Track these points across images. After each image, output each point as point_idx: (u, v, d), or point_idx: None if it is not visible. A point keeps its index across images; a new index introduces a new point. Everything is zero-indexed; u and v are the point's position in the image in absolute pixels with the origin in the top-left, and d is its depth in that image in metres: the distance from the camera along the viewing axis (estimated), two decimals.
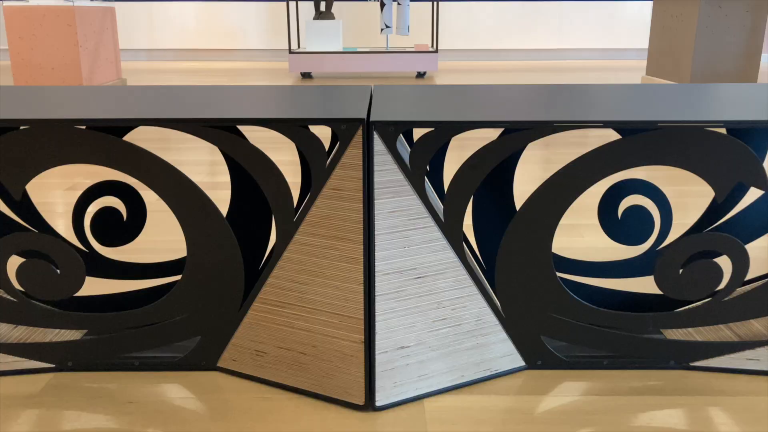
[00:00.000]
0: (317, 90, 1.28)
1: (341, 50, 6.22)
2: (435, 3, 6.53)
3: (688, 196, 2.27)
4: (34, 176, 0.98)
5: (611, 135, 3.20)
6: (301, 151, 1.12)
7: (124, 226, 1.26)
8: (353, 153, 0.95)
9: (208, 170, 2.61)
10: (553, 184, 1.02)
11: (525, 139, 0.98)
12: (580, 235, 1.90)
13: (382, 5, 6.34)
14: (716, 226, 1.31)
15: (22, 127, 0.95)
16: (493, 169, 1.24)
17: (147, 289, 1.32)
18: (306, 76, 6.36)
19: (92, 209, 1.90)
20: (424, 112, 1.02)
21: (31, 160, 0.96)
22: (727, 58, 4.57)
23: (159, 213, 2.05)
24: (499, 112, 1.02)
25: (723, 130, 1.58)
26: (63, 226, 1.95)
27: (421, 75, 6.37)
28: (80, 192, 2.06)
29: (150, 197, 2.17)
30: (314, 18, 6.33)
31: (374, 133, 0.94)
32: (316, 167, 0.97)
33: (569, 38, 8.08)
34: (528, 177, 2.52)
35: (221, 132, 0.98)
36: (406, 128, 0.94)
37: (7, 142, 0.95)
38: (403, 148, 1.13)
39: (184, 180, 1.01)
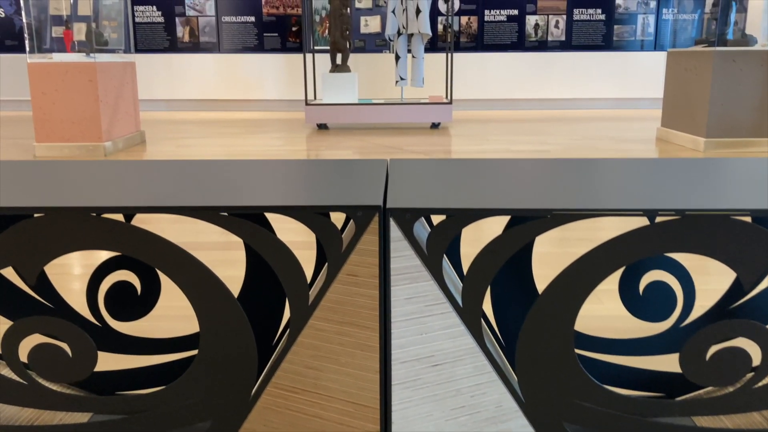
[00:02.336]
0: (332, 166, 1.27)
1: (357, 102, 6.29)
2: (449, 54, 6.62)
3: (710, 268, 2.23)
4: (47, 263, 0.97)
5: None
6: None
7: (138, 301, 1.25)
8: (369, 239, 0.93)
9: (222, 244, 2.61)
10: (575, 270, 0.99)
11: (543, 227, 0.96)
12: (599, 301, 1.86)
13: (397, 58, 6.43)
14: (740, 304, 1.27)
15: (36, 215, 0.95)
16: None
17: (160, 365, 1.30)
18: (322, 127, 6.43)
19: (108, 281, 1.90)
20: (440, 193, 1.01)
21: (44, 247, 0.96)
22: (742, 110, 4.57)
23: None
24: (516, 195, 1.01)
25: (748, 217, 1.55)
26: (78, 295, 1.95)
27: (435, 126, 6.42)
28: (96, 264, 2.06)
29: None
30: (330, 71, 6.43)
31: (390, 219, 0.93)
32: (331, 253, 0.95)
33: (582, 88, 8.13)
34: (545, 249, 2.49)
35: (235, 219, 0.97)
36: (422, 215, 0.93)
37: (21, 229, 0.95)
38: (422, 227, 1.12)
39: (199, 267, 1.00)
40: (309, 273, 2.14)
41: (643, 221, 2.41)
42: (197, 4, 8.15)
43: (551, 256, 2.32)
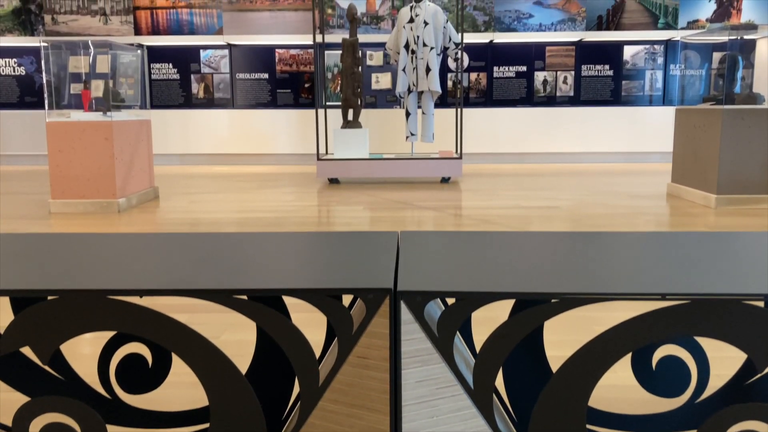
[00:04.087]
0: (343, 240, 1.29)
1: (368, 157, 6.37)
2: (459, 110, 6.72)
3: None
4: (61, 343, 0.98)
5: None
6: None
7: (149, 373, 1.25)
8: (380, 322, 0.94)
9: (232, 321, 2.60)
10: (587, 353, 0.99)
11: (553, 311, 0.96)
12: (611, 370, 1.84)
13: (408, 114, 6.53)
14: (756, 380, 1.26)
15: (50, 297, 0.96)
16: None
17: None
18: (333, 181, 6.49)
19: (121, 353, 1.90)
20: (451, 271, 1.02)
21: (58, 328, 0.97)
22: (752, 168, 4.58)
23: None
24: (526, 274, 1.01)
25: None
26: (91, 366, 1.95)
27: (446, 180, 6.46)
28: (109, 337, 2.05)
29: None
30: (342, 127, 6.53)
31: (401, 302, 0.93)
32: (342, 335, 0.96)
33: (591, 142, 8.19)
34: (557, 323, 2.47)
35: (247, 302, 0.98)
36: (432, 298, 0.93)
37: (36, 312, 0.96)
38: (434, 303, 1.12)
39: (209, 347, 1.01)
40: (317, 338, 2.13)
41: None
42: (212, 62, 8.36)
43: (562, 326, 2.31)
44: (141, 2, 8.28)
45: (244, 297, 0.98)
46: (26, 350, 1.55)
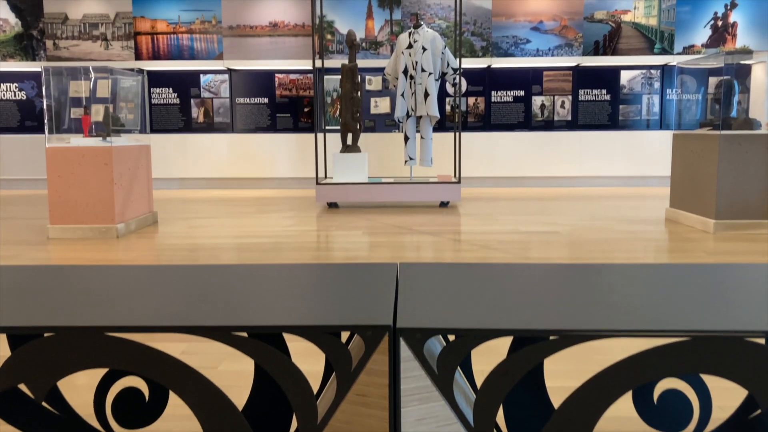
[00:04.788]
0: (342, 272, 1.28)
1: (367, 181, 6.38)
2: (457, 134, 6.75)
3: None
4: (58, 380, 0.97)
5: None
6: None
7: (145, 408, 1.24)
8: (379, 359, 0.93)
9: (231, 350, 2.59)
10: (589, 390, 0.98)
11: (553, 348, 0.95)
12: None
13: (406, 139, 6.56)
14: (760, 414, 1.24)
15: (46, 334, 0.96)
16: None
17: None
18: (332, 205, 6.49)
19: (118, 386, 1.88)
20: (450, 306, 1.01)
21: (54, 365, 0.96)
22: (750, 193, 4.59)
23: None
24: (525, 310, 1.01)
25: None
26: (87, 400, 1.93)
27: (444, 204, 6.47)
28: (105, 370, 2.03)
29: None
30: (341, 151, 6.56)
31: (401, 339, 0.93)
32: (340, 372, 0.95)
33: (589, 166, 8.22)
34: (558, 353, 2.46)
35: (246, 340, 0.97)
36: (432, 335, 0.93)
37: (32, 349, 0.96)
38: (435, 341, 1.11)
39: (206, 384, 1.00)
40: (316, 369, 2.11)
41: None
42: (212, 87, 8.42)
43: (563, 355, 2.29)
44: (142, 28, 8.36)
45: (243, 334, 0.97)
46: (23, 385, 1.53)
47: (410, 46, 6.42)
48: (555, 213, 5.87)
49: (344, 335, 1.85)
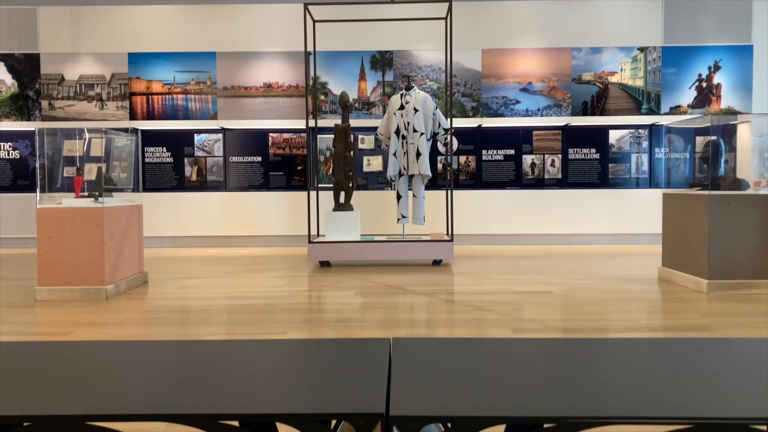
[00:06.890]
0: (332, 349, 1.26)
1: (359, 240, 6.37)
2: (449, 192, 6.79)
3: None
4: None
5: None
6: None
7: None
8: None
9: None
10: None
11: None
12: None
13: (399, 197, 6.60)
14: None
15: (25, 424, 0.92)
16: None
17: None
18: (324, 264, 6.46)
19: None
20: (445, 391, 0.99)
21: None
22: (742, 252, 4.60)
23: None
24: (521, 391, 0.98)
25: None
26: None
27: (437, 263, 6.45)
28: None
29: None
30: (334, 209, 6.57)
31: (394, 428, 0.90)
32: None
33: (580, 224, 8.27)
34: None
35: (232, 428, 0.94)
36: (426, 424, 0.90)
37: None
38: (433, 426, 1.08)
39: None
40: None
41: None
42: (206, 146, 8.48)
43: None
44: (137, 88, 8.47)
45: (234, 422, 0.94)
46: None
47: (402, 107, 6.51)
48: (547, 272, 5.85)
49: None
